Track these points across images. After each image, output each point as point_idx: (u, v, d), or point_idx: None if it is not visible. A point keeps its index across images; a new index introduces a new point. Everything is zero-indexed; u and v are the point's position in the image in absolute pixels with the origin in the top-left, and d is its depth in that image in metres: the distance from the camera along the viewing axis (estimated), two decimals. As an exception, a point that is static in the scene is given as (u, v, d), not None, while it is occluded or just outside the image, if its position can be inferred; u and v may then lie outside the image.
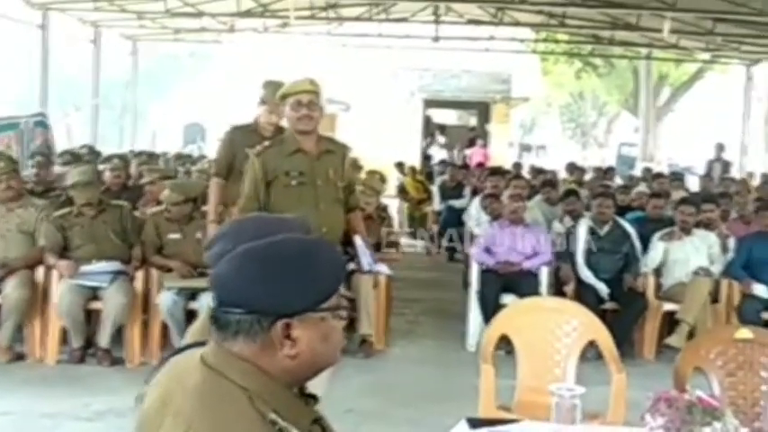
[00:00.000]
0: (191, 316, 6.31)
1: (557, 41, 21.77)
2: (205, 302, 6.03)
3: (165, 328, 6.43)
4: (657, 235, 7.52)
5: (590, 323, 4.55)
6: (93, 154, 11.56)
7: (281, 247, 1.81)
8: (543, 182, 10.03)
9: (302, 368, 1.79)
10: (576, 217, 8.09)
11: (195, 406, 1.69)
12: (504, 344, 4.78)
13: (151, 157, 9.98)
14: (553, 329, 4.56)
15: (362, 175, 12.27)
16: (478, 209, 9.45)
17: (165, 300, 6.28)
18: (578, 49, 22.85)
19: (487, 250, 7.49)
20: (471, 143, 23.66)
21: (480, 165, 18.12)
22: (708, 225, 7.71)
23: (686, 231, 7.41)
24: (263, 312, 1.71)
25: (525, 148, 34.53)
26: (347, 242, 4.69)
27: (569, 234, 7.61)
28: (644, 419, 2.51)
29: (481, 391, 4.26)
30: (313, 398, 2.46)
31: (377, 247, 7.34)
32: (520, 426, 2.68)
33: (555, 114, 42.71)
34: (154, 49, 24.71)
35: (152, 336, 6.43)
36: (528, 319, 4.59)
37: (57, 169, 8.81)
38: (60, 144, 19.39)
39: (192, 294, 6.31)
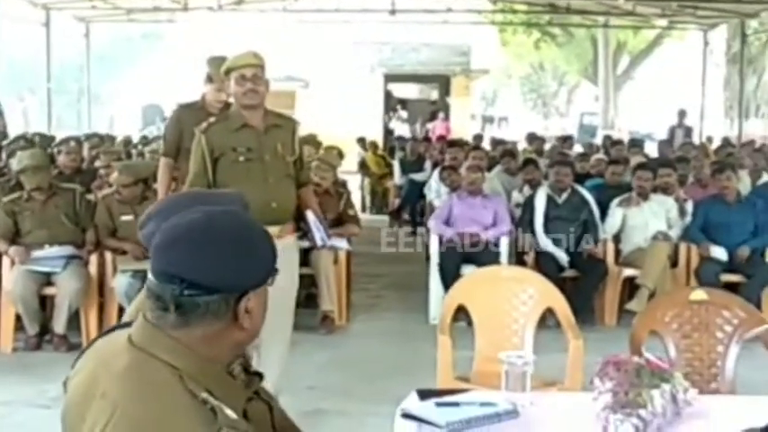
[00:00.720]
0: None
1: (514, 12, 21.73)
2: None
3: (121, 311, 6.33)
4: (615, 201, 7.53)
5: (546, 291, 4.53)
6: (46, 139, 11.36)
7: (220, 224, 1.77)
8: (503, 152, 10.02)
9: (250, 337, 1.81)
10: (534, 186, 8.10)
11: (123, 387, 1.64)
12: (465, 315, 4.78)
13: (103, 139, 9.81)
14: (510, 298, 4.54)
15: (321, 152, 12.24)
16: (438, 181, 9.41)
17: (120, 283, 6.18)
18: (536, 19, 22.83)
19: (446, 222, 7.46)
20: (433, 117, 23.62)
21: (442, 138, 18.07)
22: (665, 190, 7.72)
23: (643, 197, 7.42)
24: (232, 290, 1.70)
25: (488, 119, 34.60)
26: (299, 217, 4.62)
27: (527, 203, 7.60)
28: (593, 383, 2.48)
29: (439, 362, 4.23)
30: (258, 375, 2.41)
31: (336, 223, 7.28)
32: (469, 395, 2.65)
33: (516, 86, 42.79)
34: (107, 31, 24.35)
35: (109, 319, 6.32)
36: (484, 288, 4.57)
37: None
38: (18, 128, 19.11)
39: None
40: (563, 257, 7.23)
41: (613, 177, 8.45)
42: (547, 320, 4.84)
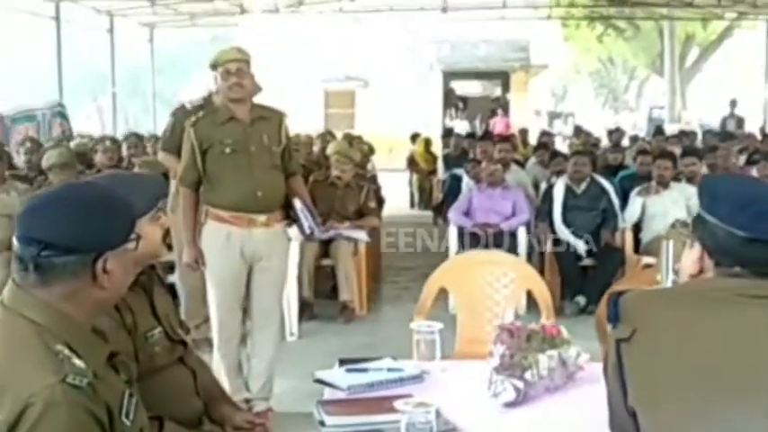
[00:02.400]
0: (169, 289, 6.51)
1: (574, 5, 21.62)
2: (177, 275, 6.23)
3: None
4: (635, 190, 7.55)
5: (527, 275, 4.63)
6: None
7: (80, 191, 1.99)
8: (537, 145, 10.07)
9: (110, 297, 1.98)
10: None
11: (-12, 341, 1.84)
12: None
13: (141, 139, 10.17)
14: (491, 282, 4.66)
15: (373, 154, 12.44)
16: (471, 175, 9.53)
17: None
18: (597, 13, 22.67)
19: (466, 213, 7.59)
20: (493, 113, 23.63)
21: (501, 134, 18.11)
22: (690, 178, 7.71)
23: (663, 185, 7.42)
24: (88, 251, 1.88)
25: (554, 115, 34.30)
26: (288, 206, 4.80)
27: (546, 193, 7.67)
28: (491, 350, 2.62)
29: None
30: (183, 344, 2.62)
31: (357, 215, 7.48)
32: (382, 362, 2.81)
33: (586, 81, 42.37)
34: (174, 35, 25.01)
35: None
36: (466, 272, 4.69)
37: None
38: (94, 128, 19.72)
39: (170, 267, 6.49)
40: (581, 247, 7.28)
41: (642, 168, 8.44)
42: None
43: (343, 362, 2.84)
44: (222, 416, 2.76)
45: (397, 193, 15.39)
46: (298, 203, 4.75)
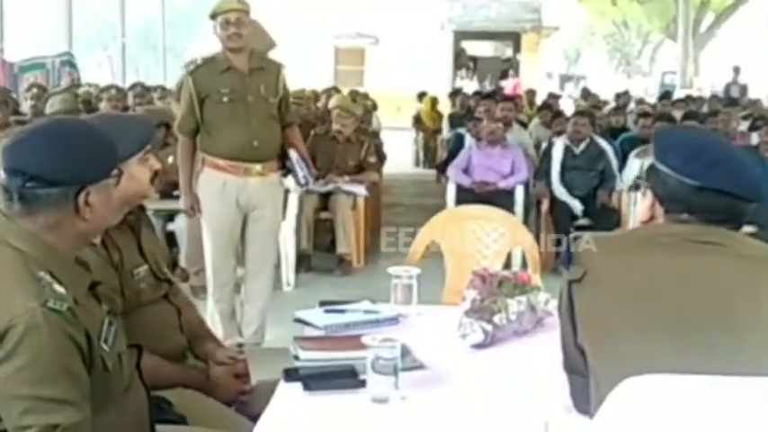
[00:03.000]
0: (170, 237, 6.65)
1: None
2: (183, 224, 6.34)
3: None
4: (633, 152, 7.61)
5: (516, 231, 4.72)
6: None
7: (66, 126, 2.08)
8: (540, 105, 10.11)
9: (92, 230, 2.09)
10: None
11: (-24, 267, 1.95)
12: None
13: (148, 89, 10.26)
14: (481, 237, 4.75)
15: (377, 111, 12.49)
16: (474, 133, 9.56)
17: (142, 222, 6.57)
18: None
19: (465, 171, 7.66)
20: (504, 75, 23.58)
21: (509, 96, 18.10)
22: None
23: (661, 148, 7.48)
24: (70, 183, 1.97)
25: (566, 78, 34.13)
26: (284, 156, 4.89)
27: (545, 153, 7.74)
28: (463, 296, 2.72)
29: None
30: (168, 282, 2.72)
31: (357, 170, 7.56)
32: (359, 304, 2.91)
33: (601, 44, 42.09)
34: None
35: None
36: (455, 225, 4.79)
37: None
38: (105, 78, 19.75)
39: (170, 216, 6.60)
40: (577, 206, 7.36)
41: (644, 131, 8.49)
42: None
43: (323, 303, 2.94)
44: (206, 352, 2.87)
45: (402, 151, 15.46)
46: (293, 154, 4.84)
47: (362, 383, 2.20)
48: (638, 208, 1.92)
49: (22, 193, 1.96)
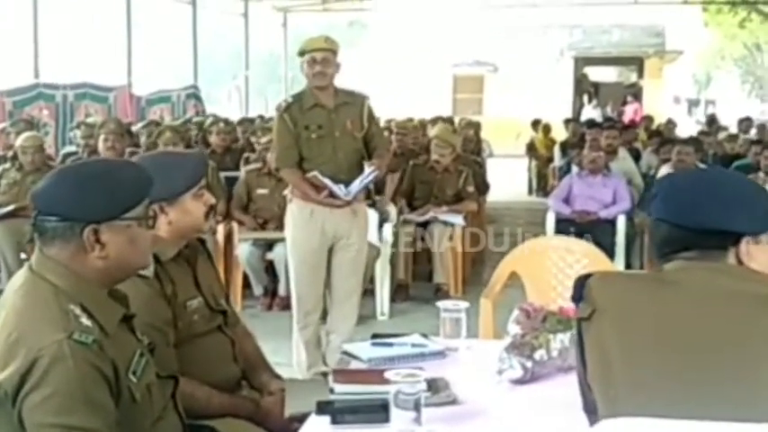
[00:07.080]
0: (269, 266, 6.83)
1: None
2: (281, 252, 6.48)
3: (245, 277, 6.94)
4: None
5: (598, 262, 4.64)
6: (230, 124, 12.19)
7: (89, 166, 2.19)
8: (651, 133, 9.92)
9: (113, 268, 2.14)
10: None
11: (13, 299, 2.07)
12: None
13: (251, 122, 10.65)
14: (563, 268, 4.70)
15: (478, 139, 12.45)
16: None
17: (242, 250, 6.77)
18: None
19: (566, 200, 7.58)
20: (625, 101, 23.18)
21: (632, 122, 17.82)
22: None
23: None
24: (75, 219, 2.07)
25: (694, 103, 33.26)
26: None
27: (650, 182, 7.58)
28: (507, 331, 2.71)
29: (480, 324, 4.47)
30: (223, 313, 2.82)
31: (455, 199, 7.57)
32: (408, 338, 2.93)
33: (731, 68, 40.81)
34: (310, 20, 25.53)
35: (234, 284, 6.90)
36: (537, 257, 4.75)
37: None
38: (232, 109, 20.35)
39: (269, 245, 6.77)
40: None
41: (756, 157, 8.26)
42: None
43: (374, 336, 2.98)
44: (260, 382, 2.95)
45: (517, 179, 15.37)
46: (366, 168, 4.86)
47: (389, 418, 2.22)
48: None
49: (35, 223, 2.09)
